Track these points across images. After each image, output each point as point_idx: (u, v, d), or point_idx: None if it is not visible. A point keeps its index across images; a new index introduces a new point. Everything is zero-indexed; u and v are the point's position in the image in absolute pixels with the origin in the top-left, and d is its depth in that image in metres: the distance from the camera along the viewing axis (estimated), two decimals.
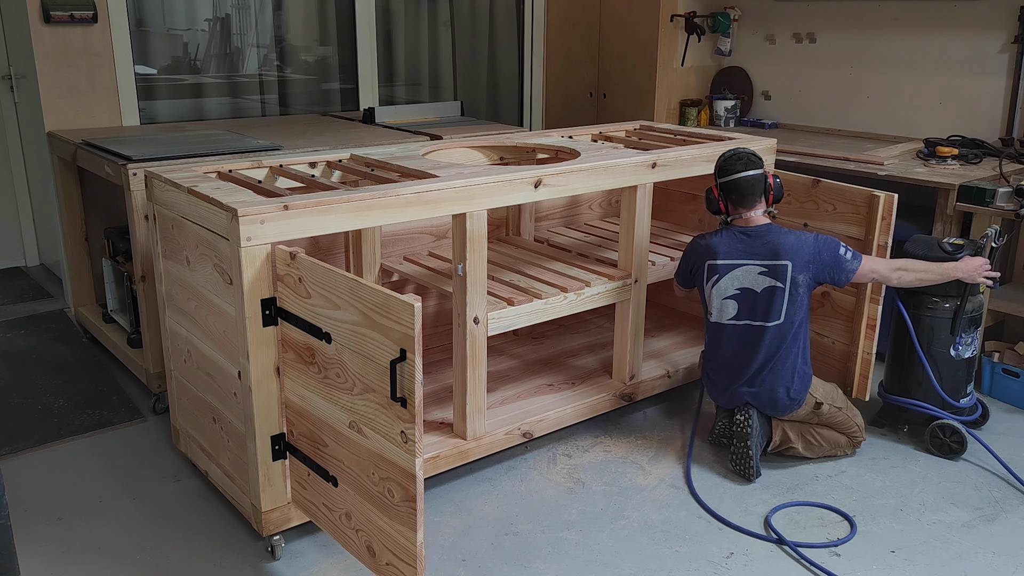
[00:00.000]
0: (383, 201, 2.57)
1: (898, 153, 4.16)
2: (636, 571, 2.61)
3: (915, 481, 3.11)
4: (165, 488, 3.01)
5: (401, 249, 3.54)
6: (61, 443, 3.28)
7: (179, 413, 3.04)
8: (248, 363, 2.40)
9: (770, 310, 3.02)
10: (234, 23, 5.00)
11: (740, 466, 3.09)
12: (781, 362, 3.04)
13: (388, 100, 5.36)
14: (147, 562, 2.62)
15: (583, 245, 3.71)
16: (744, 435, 3.06)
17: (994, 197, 3.49)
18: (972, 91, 4.28)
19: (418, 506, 2.06)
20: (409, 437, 2.03)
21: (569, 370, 3.54)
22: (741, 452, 3.08)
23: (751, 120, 5.17)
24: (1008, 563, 2.66)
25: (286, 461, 2.53)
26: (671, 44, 5.12)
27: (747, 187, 3.05)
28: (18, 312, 4.59)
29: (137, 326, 3.61)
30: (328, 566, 2.61)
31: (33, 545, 2.69)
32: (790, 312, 3.02)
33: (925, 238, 3.39)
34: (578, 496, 2.99)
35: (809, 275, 3.01)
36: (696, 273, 3.17)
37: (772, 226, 3.07)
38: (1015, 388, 3.65)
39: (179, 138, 3.79)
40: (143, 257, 3.30)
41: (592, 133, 3.90)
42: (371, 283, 2.09)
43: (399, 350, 2.00)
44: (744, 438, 3.07)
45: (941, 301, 3.24)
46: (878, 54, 4.60)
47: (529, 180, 2.89)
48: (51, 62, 4.04)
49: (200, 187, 2.55)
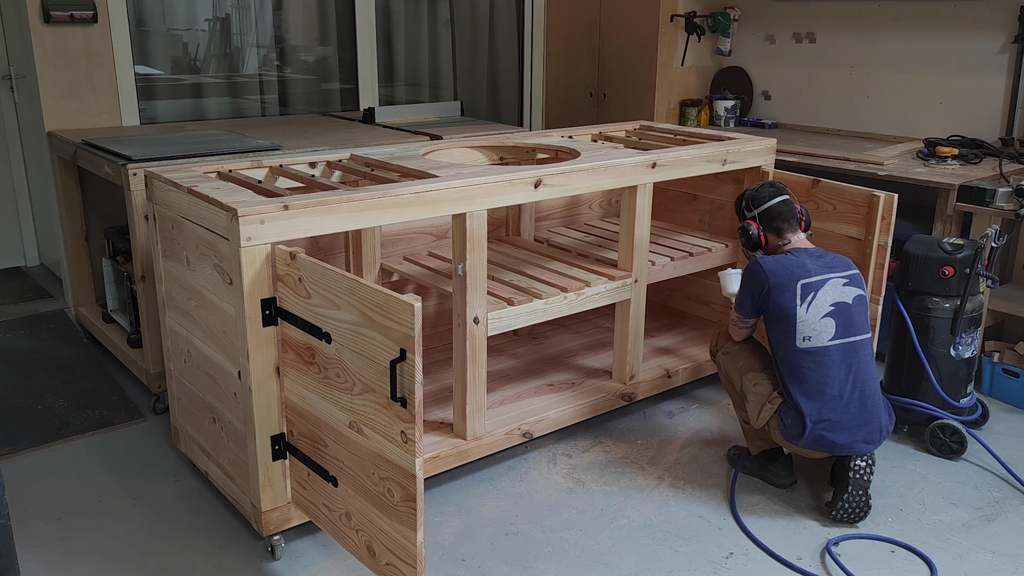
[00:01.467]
0: (383, 201, 2.57)
1: (898, 153, 4.16)
2: (636, 571, 2.61)
3: (915, 481, 3.11)
4: (165, 488, 3.01)
5: (401, 249, 3.54)
6: (61, 443, 3.28)
7: (179, 413, 3.04)
8: (248, 363, 2.40)
9: (864, 321, 2.83)
10: (234, 23, 5.00)
11: (853, 515, 2.81)
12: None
13: (388, 100, 5.36)
14: (147, 562, 2.62)
15: (583, 245, 3.71)
16: (864, 483, 2.79)
17: (994, 197, 3.49)
18: (972, 91, 4.28)
19: (418, 506, 2.06)
20: (409, 437, 2.03)
21: (569, 370, 3.54)
22: (859, 502, 2.80)
23: (751, 120, 5.17)
24: (1008, 563, 2.66)
25: (286, 461, 2.53)
26: (671, 44, 5.12)
27: (787, 210, 2.93)
28: (18, 312, 4.59)
29: (137, 326, 3.61)
30: (328, 566, 2.61)
31: (33, 545, 2.69)
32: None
33: (925, 238, 3.39)
34: (578, 496, 2.99)
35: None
36: (770, 299, 2.83)
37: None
38: (1015, 388, 3.65)
39: (179, 138, 3.79)
40: (143, 257, 3.30)
41: (592, 133, 3.90)
42: (371, 283, 2.09)
43: (399, 350, 2.00)
44: (863, 487, 2.80)
45: (941, 301, 3.24)
46: (878, 54, 4.61)
47: (529, 180, 2.89)
48: (51, 62, 4.04)
49: (200, 187, 2.55)
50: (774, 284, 2.81)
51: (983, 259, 3.22)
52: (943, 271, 3.22)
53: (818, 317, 2.78)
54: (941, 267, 3.22)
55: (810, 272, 2.81)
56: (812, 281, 2.80)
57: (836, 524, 2.83)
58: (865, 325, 2.84)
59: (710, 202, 3.91)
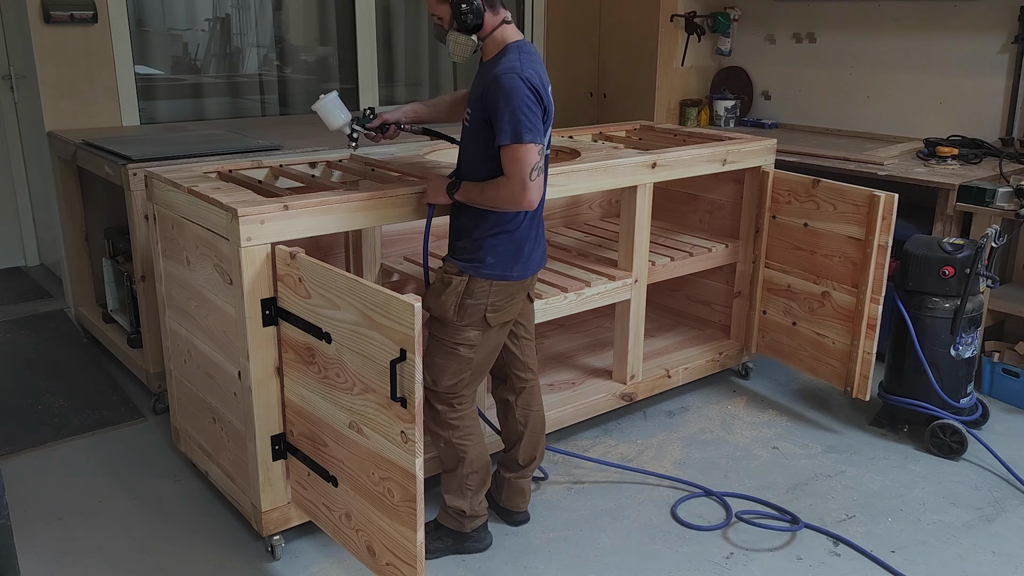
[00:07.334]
0: (383, 201, 2.57)
1: (898, 153, 4.16)
2: (636, 571, 2.61)
3: (915, 481, 3.11)
4: (165, 488, 3.01)
5: (401, 249, 3.53)
6: (61, 443, 3.28)
7: (179, 413, 3.04)
8: (248, 363, 2.40)
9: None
10: (234, 23, 5.00)
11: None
12: None
13: (388, 100, 5.36)
14: (147, 562, 2.62)
15: (583, 245, 3.71)
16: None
17: (994, 197, 3.49)
18: (972, 91, 4.27)
19: (418, 506, 2.06)
20: (409, 437, 2.03)
21: (569, 370, 3.54)
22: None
23: (751, 120, 5.17)
24: (1008, 563, 2.66)
25: (286, 461, 2.53)
26: (671, 44, 5.12)
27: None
28: (18, 312, 4.59)
29: (137, 326, 3.61)
30: (328, 566, 2.61)
31: (33, 545, 2.69)
32: None
33: (925, 238, 3.39)
34: (578, 496, 2.99)
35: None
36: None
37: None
38: (1015, 388, 3.65)
39: (179, 138, 3.79)
40: (143, 257, 3.30)
41: (592, 133, 3.90)
42: (371, 283, 2.09)
43: (399, 350, 1.99)
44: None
45: (941, 301, 3.24)
46: (878, 54, 4.60)
47: None
48: (51, 62, 4.04)
49: (200, 187, 2.55)
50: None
51: (983, 259, 3.22)
52: (943, 271, 3.22)
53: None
54: (941, 267, 3.22)
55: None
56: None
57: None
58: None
59: (710, 202, 3.91)
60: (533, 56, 2.38)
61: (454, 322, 2.49)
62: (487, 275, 2.45)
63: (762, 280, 3.68)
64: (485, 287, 2.46)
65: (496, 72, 2.31)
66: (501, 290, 2.48)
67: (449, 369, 2.53)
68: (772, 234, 3.62)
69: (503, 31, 2.40)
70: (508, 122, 2.27)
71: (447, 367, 2.53)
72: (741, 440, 3.37)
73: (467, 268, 2.47)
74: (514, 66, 2.30)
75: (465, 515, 2.64)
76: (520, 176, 2.29)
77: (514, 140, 2.28)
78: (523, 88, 2.28)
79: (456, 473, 2.62)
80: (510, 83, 2.28)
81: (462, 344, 2.50)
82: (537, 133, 2.30)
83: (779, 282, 3.62)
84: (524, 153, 2.28)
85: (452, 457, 2.61)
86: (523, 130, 2.27)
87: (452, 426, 2.58)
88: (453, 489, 2.64)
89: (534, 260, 2.55)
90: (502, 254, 2.45)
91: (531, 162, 2.29)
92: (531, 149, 2.28)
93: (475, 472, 2.62)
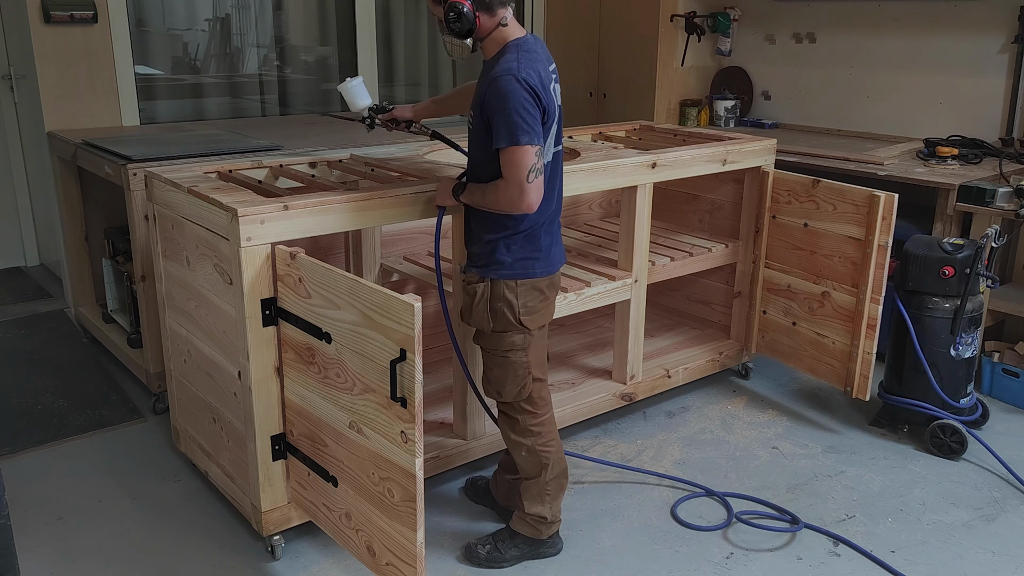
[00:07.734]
0: (383, 201, 2.57)
1: (898, 153, 4.16)
2: (636, 571, 2.61)
3: (915, 481, 3.11)
4: (165, 488, 3.01)
5: (401, 249, 3.53)
6: (61, 443, 3.28)
7: (179, 413, 3.04)
8: (248, 363, 2.40)
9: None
10: (234, 23, 5.00)
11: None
12: None
13: (388, 100, 5.35)
14: (147, 562, 2.62)
15: (583, 245, 3.71)
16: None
17: (994, 197, 3.49)
18: (972, 91, 4.27)
19: (418, 506, 2.06)
20: (409, 437, 2.03)
21: (569, 370, 3.54)
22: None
23: (751, 120, 5.17)
24: (1008, 563, 2.66)
25: (286, 461, 2.53)
26: (671, 44, 5.12)
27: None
28: (18, 312, 4.59)
29: (137, 326, 3.61)
30: (328, 566, 2.61)
31: (33, 545, 2.69)
32: None
33: (925, 238, 3.39)
34: (578, 496, 2.99)
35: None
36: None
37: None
38: (1015, 388, 3.65)
39: (179, 138, 3.79)
40: (143, 257, 3.30)
41: (592, 133, 3.90)
42: (371, 283, 2.09)
43: (399, 350, 1.99)
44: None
45: (941, 301, 3.24)
46: (878, 54, 4.60)
47: None
48: (51, 62, 4.04)
49: (200, 187, 2.55)
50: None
51: (983, 259, 3.22)
52: (943, 271, 3.22)
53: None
54: (941, 267, 3.22)
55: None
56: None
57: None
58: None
59: (710, 202, 3.91)
60: (533, 54, 2.36)
61: (493, 330, 2.49)
62: (506, 275, 2.45)
63: (762, 280, 3.68)
64: (511, 287, 2.45)
65: (493, 75, 2.31)
66: (528, 289, 2.47)
67: (509, 378, 2.52)
68: (772, 234, 3.62)
69: (502, 31, 2.40)
70: (504, 125, 2.27)
71: (506, 377, 2.53)
72: (741, 440, 3.37)
73: (485, 273, 2.47)
74: (511, 67, 2.29)
75: (545, 521, 2.63)
76: (517, 179, 2.29)
77: (510, 143, 2.27)
78: (519, 90, 2.26)
79: (538, 480, 2.60)
80: (506, 86, 2.27)
81: (510, 350, 2.50)
82: (535, 135, 2.28)
83: (779, 282, 3.62)
84: (520, 156, 2.27)
85: (535, 464, 2.59)
86: (519, 132, 2.26)
87: (534, 433, 2.57)
88: (533, 496, 2.62)
89: (555, 256, 2.54)
90: (516, 253, 2.45)
91: (528, 164, 2.28)
92: (527, 151, 2.27)
93: (555, 478, 2.62)
